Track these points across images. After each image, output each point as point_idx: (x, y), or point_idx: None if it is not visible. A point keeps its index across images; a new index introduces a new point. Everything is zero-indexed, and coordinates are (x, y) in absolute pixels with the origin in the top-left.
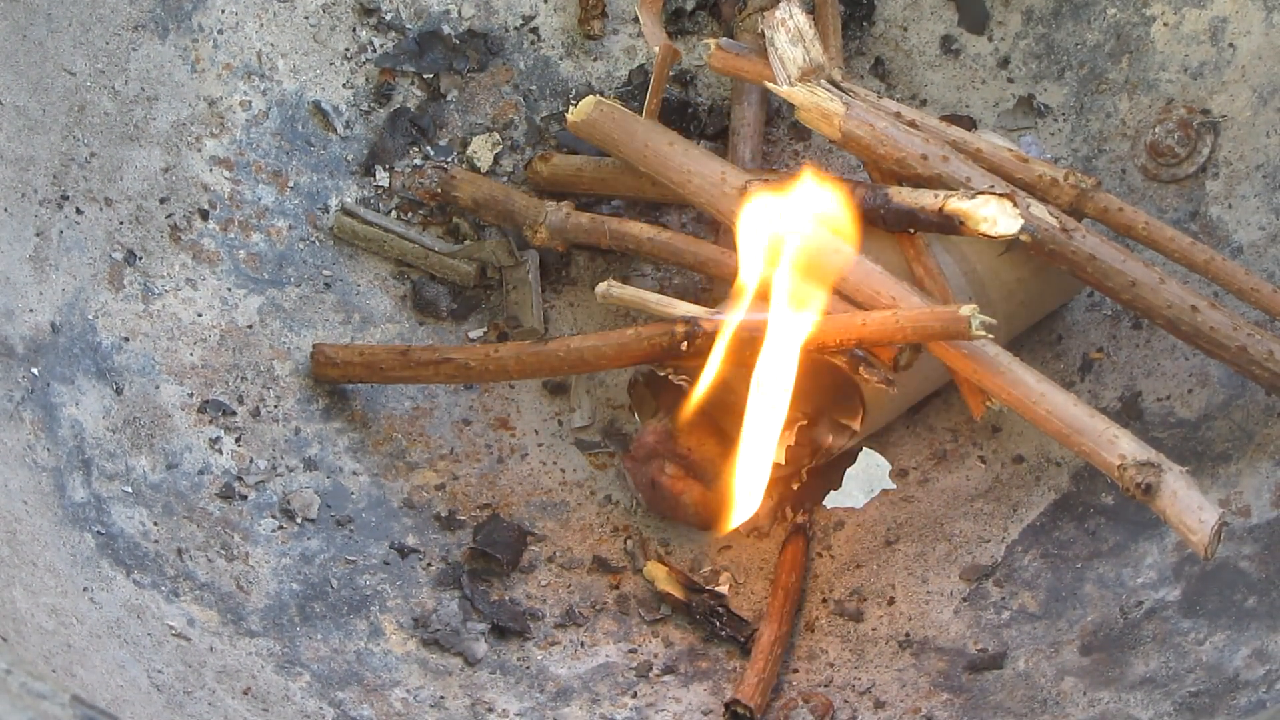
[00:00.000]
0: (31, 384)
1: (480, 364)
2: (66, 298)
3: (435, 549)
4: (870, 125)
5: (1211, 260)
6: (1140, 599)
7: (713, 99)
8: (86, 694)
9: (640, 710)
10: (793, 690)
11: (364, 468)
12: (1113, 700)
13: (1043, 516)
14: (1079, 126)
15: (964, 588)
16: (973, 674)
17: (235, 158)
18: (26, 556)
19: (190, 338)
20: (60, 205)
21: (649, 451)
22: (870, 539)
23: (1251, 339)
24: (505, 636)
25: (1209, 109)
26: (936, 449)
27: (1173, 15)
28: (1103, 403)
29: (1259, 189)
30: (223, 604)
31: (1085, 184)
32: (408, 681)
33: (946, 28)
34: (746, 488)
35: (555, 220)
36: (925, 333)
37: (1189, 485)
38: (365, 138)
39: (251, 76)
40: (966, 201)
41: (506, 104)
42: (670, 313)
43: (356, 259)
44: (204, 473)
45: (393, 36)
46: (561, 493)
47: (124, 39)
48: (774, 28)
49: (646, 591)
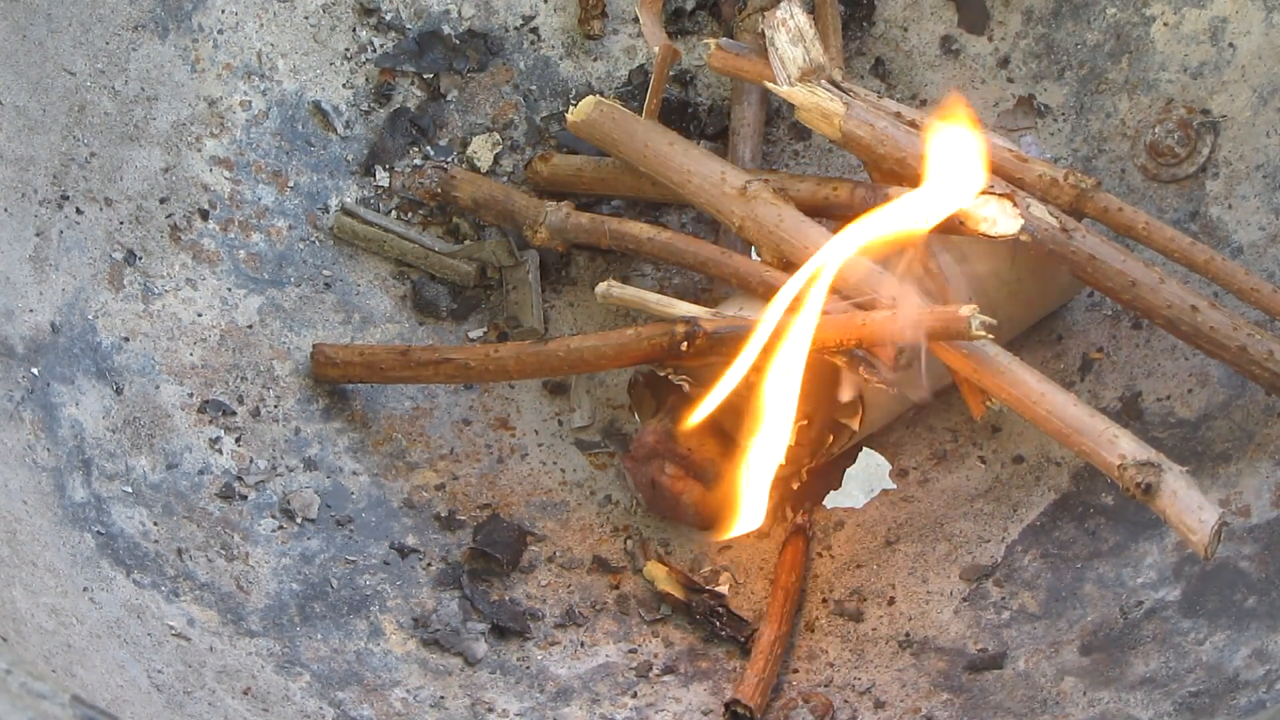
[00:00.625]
0: (31, 384)
1: (480, 364)
2: (66, 298)
3: (435, 549)
4: (870, 125)
5: (1211, 260)
6: (1140, 599)
7: (713, 99)
8: (86, 694)
9: (640, 710)
10: (793, 690)
11: (364, 468)
12: (1113, 700)
13: (1043, 516)
14: (1079, 126)
15: (964, 588)
16: (973, 674)
17: (235, 158)
18: (26, 556)
19: (190, 338)
20: (60, 205)
21: (649, 451)
22: (870, 539)
23: (1251, 339)
24: (505, 636)
25: (1209, 109)
26: (936, 449)
27: (1173, 15)
28: (1103, 403)
29: (1259, 189)
30: (223, 604)
31: (1085, 184)
32: (408, 681)
33: (946, 28)
34: (752, 499)
35: (555, 220)
36: (925, 333)
37: (1189, 485)
38: (365, 138)
39: (251, 76)
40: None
41: (506, 104)
42: (670, 313)
43: (356, 259)
44: (204, 473)
45: (393, 36)
46: (561, 493)
47: (124, 39)
48: (774, 28)
49: (646, 591)
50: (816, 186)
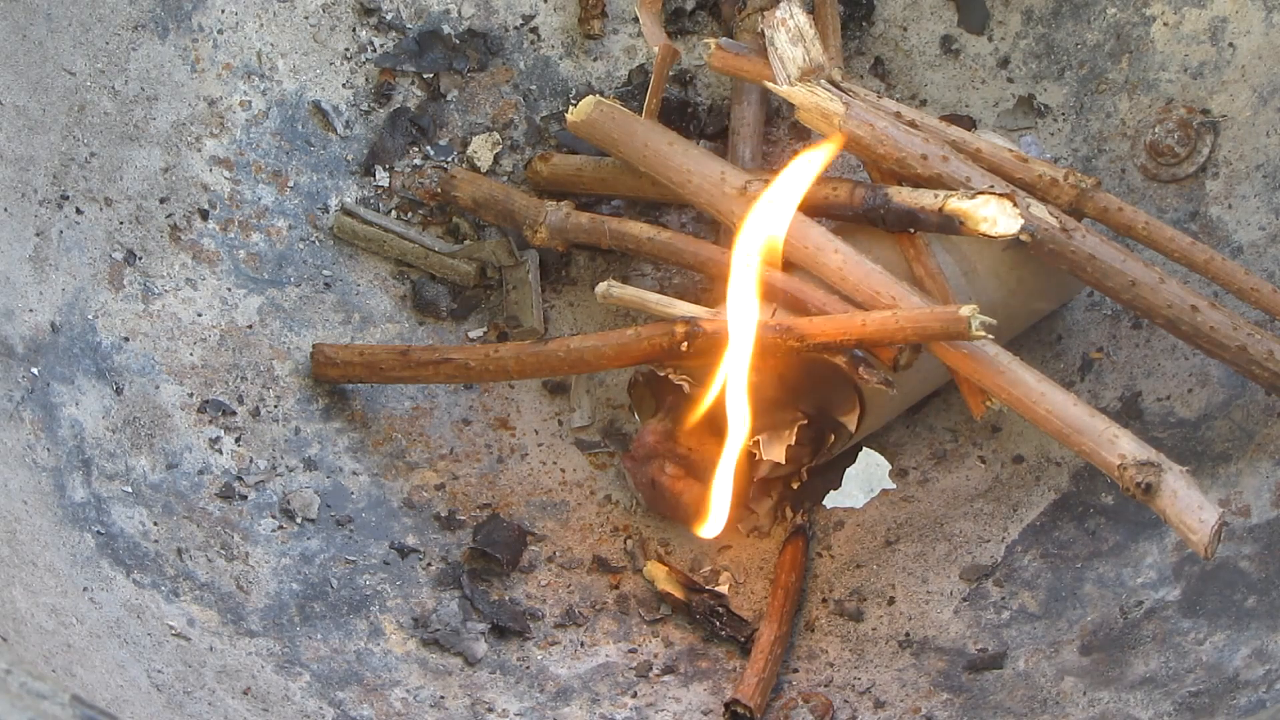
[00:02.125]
0: (31, 384)
1: (480, 364)
2: (66, 298)
3: (435, 549)
4: (870, 125)
5: (1211, 260)
6: (1140, 599)
7: (713, 99)
8: (86, 694)
9: (640, 710)
10: (793, 690)
11: (364, 468)
12: (1113, 700)
13: (1043, 516)
14: (1079, 126)
15: (964, 588)
16: (973, 674)
17: (235, 158)
18: (26, 556)
19: (190, 338)
20: (60, 205)
21: (649, 451)
22: (870, 539)
23: (1251, 339)
24: (505, 636)
25: (1209, 109)
26: (936, 449)
27: (1173, 15)
28: (1103, 403)
29: (1259, 189)
30: (223, 604)
31: (1085, 184)
32: (408, 681)
33: (946, 28)
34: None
35: (555, 220)
36: (925, 333)
37: (1189, 485)
38: (365, 138)
39: (251, 76)
40: (966, 201)
41: (506, 104)
42: (670, 313)
43: (356, 259)
44: (204, 473)
45: (393, 36)
46: (561, 493)
47: (124, 39)
48: (774, 28)
49: (646, 591)
50: (816, 186)
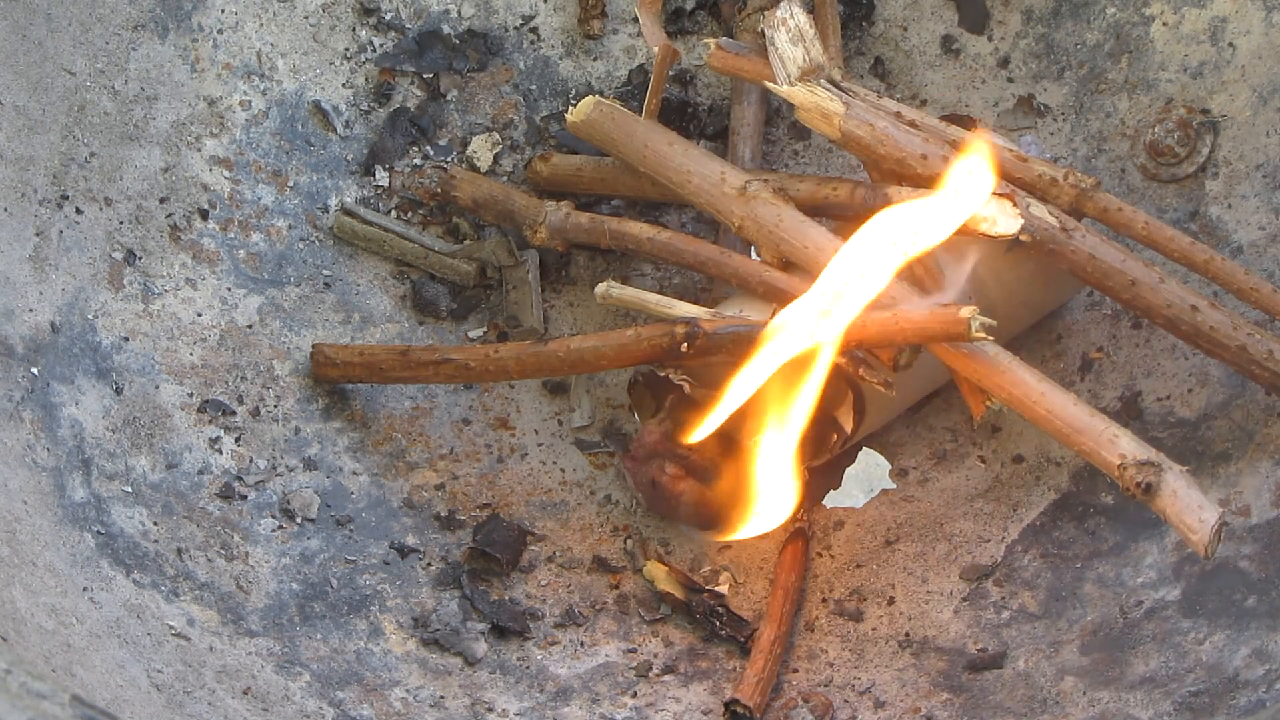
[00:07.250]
0: (31, 384)
1: (480, 364)
2: (66, 297)
3: (435, 549)
4: (870, 125)
5: (1211, 260)
6: (1140, 599)
7: (713, 99)
8: (86, 694)
9: (640, 710)
10: (793, 690)
11: (364, 467)
12: (1113, 700)
13: (1043, 516)
14: (1079, 126)
15: (964, 587)
16: (973, 674)
17: (235, 157)
18: (26, 556)
19: (190, 337)
20: (60, 205)
21: (649, 451)
22: (870, 539)
23: (1251, 339)
24: (505, 636)
25: (1209, 109)
26: (936, 449)
27: (1172, 15)
28: (1103, 402)
29: (1259, 189)
30: (223, 604)
31: (1085, 184)
32: (408, 681)
33: (946, 28)
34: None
35: (555, 220)
36: (925, 333)
37: (1189, 485)
38: (365, 137)
39: (251, 76)
40: None
41: (506, 104)
42: (670, 313)
43: (356, 259)
44: (204, 472)
45: (392, 36)
46: (561, 493)
47: (124, 39)
48: (774, 27)
49: (646, 591)
50: (816, 186)
